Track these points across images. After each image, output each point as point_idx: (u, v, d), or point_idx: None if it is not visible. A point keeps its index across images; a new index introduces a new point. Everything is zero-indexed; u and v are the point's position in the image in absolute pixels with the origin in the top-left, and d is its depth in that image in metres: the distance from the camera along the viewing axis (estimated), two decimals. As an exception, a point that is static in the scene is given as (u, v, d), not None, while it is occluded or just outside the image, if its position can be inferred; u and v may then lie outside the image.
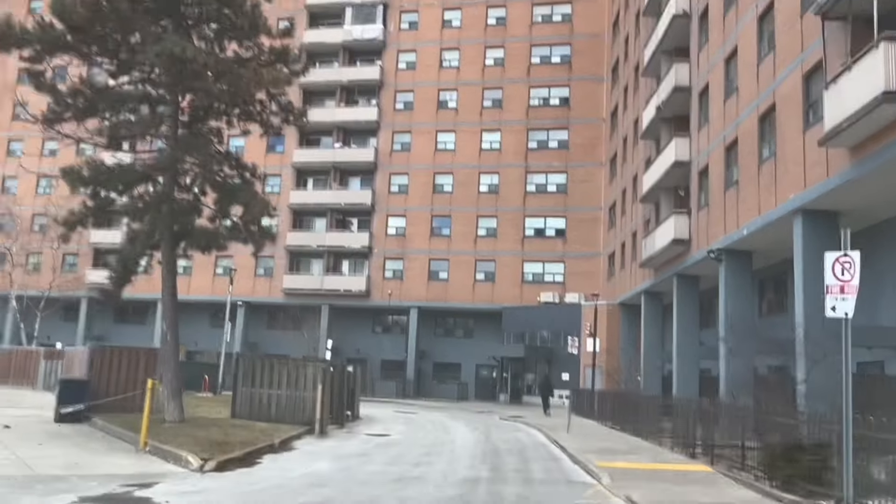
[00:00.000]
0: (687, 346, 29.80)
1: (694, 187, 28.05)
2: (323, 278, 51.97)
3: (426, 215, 51.57)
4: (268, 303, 53.28)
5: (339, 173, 53.62)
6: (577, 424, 26.62)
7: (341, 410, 24.09)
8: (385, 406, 39.20)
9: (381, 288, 51.35)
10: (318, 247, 52.38)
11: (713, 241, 25.27)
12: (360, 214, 53.22)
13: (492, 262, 50.00)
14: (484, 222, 50.73)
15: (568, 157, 50.03)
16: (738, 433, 15.68)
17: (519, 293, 49.03)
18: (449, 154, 51.94)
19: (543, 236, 49.75)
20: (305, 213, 54.27)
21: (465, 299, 49.85)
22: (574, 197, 49.43)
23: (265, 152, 54.83)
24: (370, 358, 52.10)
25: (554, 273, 49.20)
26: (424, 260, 51.04)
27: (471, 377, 50.83)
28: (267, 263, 54.02)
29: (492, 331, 49.95)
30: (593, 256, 48.47)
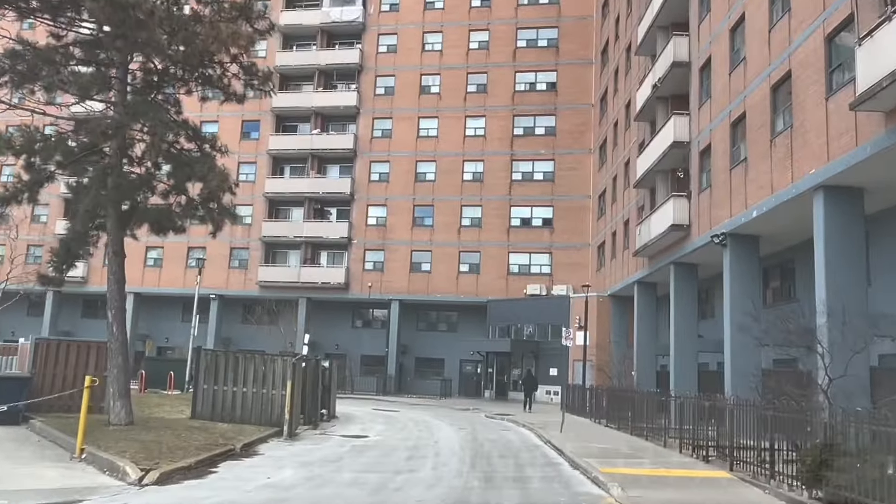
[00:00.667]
0: (685, 339, 28.01)
1: (694, 169, 26.23)
2: (300, 270, 49.79)
3: (408, 204, 49.52)
4: (242, 296, 51.01)
5: (316, 161, 51.42)
6: (570, 422, 24.76)
7: (315, 409, 22.04)
8: (364, 403, 37.15)
9: (361, 280, 49.27)
10: (294, 237, 50.18)
11: (717, 224, 23.45)
12: (339, 204, 51.07)
13: (476, 253, 48.08)
14: (468, 212, 48.77)
15: (555, 143, 48.16)
16: (755, 433, 13.87)
17: (504, 285, 47.15)
18: (431, 141, 49.90)
19: (530, 226, 47.89)
20: (282, 203, 52.02)
21: (448, 292, 47.90)
22: (561, 185, 47.58)
23: (239, 139, 52.62)
24: (350, 353, 50.02)
25: (541, 264, 47.35)
26: (406, 251, 49.01)
27: (454, 373, 48.91)
28: (241, 255, 51.74)
29: (476, 325, 48.05)
30: (582, 247, 46.65)
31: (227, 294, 51.38)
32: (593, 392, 29.56)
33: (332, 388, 25.15)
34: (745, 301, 22.39)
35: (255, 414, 19.68)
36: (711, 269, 28.89)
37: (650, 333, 34.27)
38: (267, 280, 49.95)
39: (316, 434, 20.06)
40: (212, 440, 15.76)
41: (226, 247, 51.58)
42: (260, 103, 51.80)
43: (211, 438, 15.99)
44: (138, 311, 52.56)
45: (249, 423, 19.39)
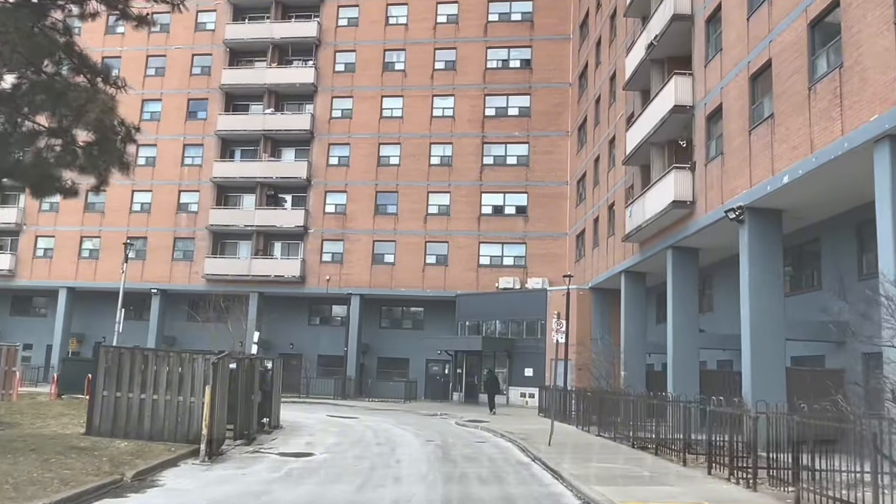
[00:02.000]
0: (685, 334, 24.46)
1: (699, 136, 22.65)
2: (251, 262, 45.40)
3: (370, 191, 45.45)
4: (187, 291, 46.45)
5: (270, 143, 47.07)
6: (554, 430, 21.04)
7: (249, 420, 17.95)
8: (319, 409, 33.04)
9: (319, 273, 45.06)
10: (245, 226, 45.77)
11: (731, 198, 19.87)
12: (295, 190, 46.79)
13: (444, 243, 44.19)
14: (435, 199, 44.85)
15: (530, 125, 44.48)
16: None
17: (475, 278, 43.33)
18: (396, 122, 45.88)
19: (502, 214, 44.14)
20: (231, 188, 47.55)
21: (413, 285, 43.93)
22: (537, 170, 43.92)
23: (185, 118, 48.16)
24: (306, 353, 45.80)
25: (514, 256, 43.63)
26: (368, 241, 44.93)
27: (420, 374, 44.96)
28: (186, 246, 47.17)
29: (444, 321, 44.17)
30: (558, 237, 43.03)
31: (170, 289, 46.79)
32: (580, 396, 25.82)
33: (274, 393, 21.05)
34: (767, 286, 18.88)
35: (169, 428, 15.55)
36: (714, 254, 25.43)
37: (639, 329, 30.71)
38: (214, 273, 45.49)
39: (247, 452, 15.98)
40: (93, 467, 11.64)
41: (169, 237, 47.02)
42: (208, 80, 47.54)
43: (93, 465, 11.86)
44: (72, 307, 47.75)
45: (161, 439, 15.27)
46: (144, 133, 49.54)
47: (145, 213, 47.60)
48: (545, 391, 32.33)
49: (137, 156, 47.52)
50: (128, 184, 47.30)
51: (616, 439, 19.97)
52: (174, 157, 47.77)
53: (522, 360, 38.96)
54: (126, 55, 49.29)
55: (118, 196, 47.66)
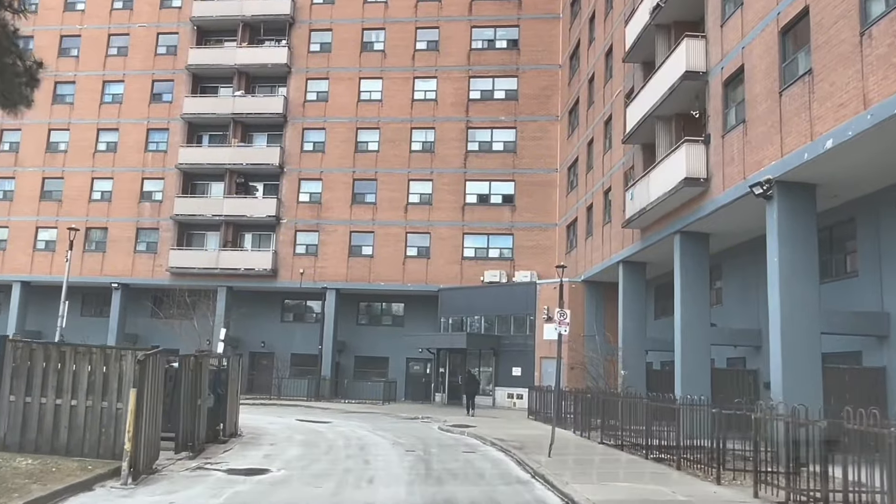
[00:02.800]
0: (695, 329, 21.93)
1: (715, 105, 20.10)
2: (219, 254, 42.40)
3: (346, 178, 42.63)
4: (150, 285, 43.35)
5: (240, 128, 44.08)
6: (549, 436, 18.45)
7: (194, 429, 15.14)
8: (289, 412, 30.24)
9: (292, 266, 42.17)
10: (213, 216, 42.76)
11: (755, 171, 17.33)
12: (266, 177, 43.84)
13: (426, 234, 41.46)
14: (416, 187, 42.11)
15: (517, 109, 41.86)
16: None
17: (458, 272, 40.64)
18: (374, 105, 43.08)
19: (488, 203, 41.49)
20: (199, 176, 44.51)
21: (393, 279, 41.17)
22: (524, 157, 41.31)
23: (149, 101, 45.05)
24: (278, 351, 42.88)
25: (501, 247, 40.99)
26: (344, 232, 42.11)
27: (400, 373, 42.22)
28: (149, 237, 44.07)
29: (426, 317, 41.45)
30: (548, 227, 40.45)
31: (132, 283, 43.68)
32: (579, 398, 23.19)
33: (230, 396, 18.23)
34: (800, 273, 16.37)
35: (90, 440, 12.73)
36: (725, 240, 22.96)
37: (638, 324, 28.17)
38: (180, 266, 42.44)
39: (188, 468, 13.18)
40: (-36, 498, 8.83)
41: (131, 227, 43.90)
42: (174, 60, 44.52)
43: (-34, 494, 9.04)
44: (26, 303, 44.47)
45: (80, 454, 12.48)
46: (106, 117, 46.63)
47: (106, 202, 44.42)
48: (535, 392, 29.78)
49: (98, 142, 44.43)
50: (87, 170, 44.33)
51: (623, 447, 17.39)
52: (137, 142, 44.65)
53: (510, 359, 36.35)
54: (86, 34, 46.18)
55: (77, 183, 44.55)
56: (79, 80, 45.90)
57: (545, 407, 28.52)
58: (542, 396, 28.95)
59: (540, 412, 28.71)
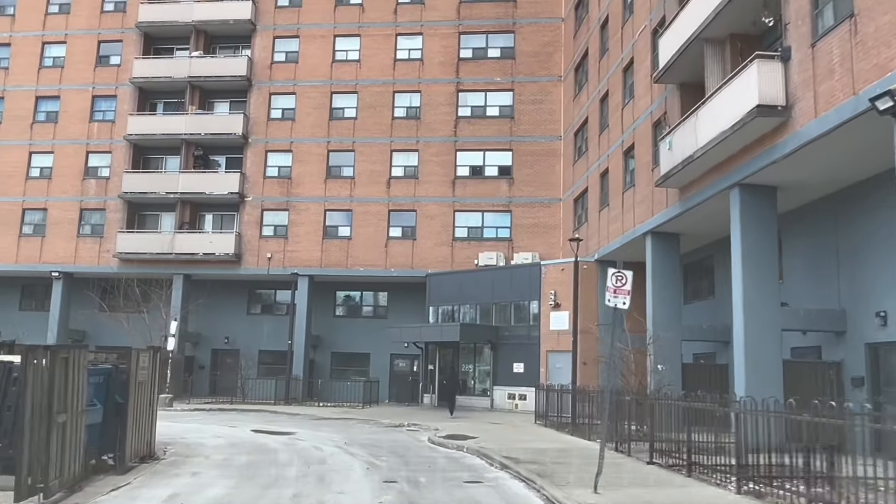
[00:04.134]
0: (761, 311, 16.89)
1: (799, 5, 14.98)
2: (174, 237, 36.99)
3: (320, 149, 37.32)
4: (97, 273, 37.81)
5: (198, 93, 38.64)
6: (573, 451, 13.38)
7: (55, 457, 9.85)
8: (248, 420, 25.00)
9: (258, 250, 36.84)
10: (167, 194, 37.32)
11: (873, 80, 12.26)
12: (229, 149, 38.43)
13: (411, 212, 36.24)
14: (400, 158, 36.88)
15: (514, 69, 36.68)
16: None
17: (449, 254, 35.46)
18: (351, 66, 37.77)
19: (482, 176, 36.30)
20: (151, 149, 39.06)
21: (374, 264, 35.93)
22: (523, 123, 36.16)
23: (94, 64, 39.54)
24: (245, 348, 37.58)
25: (497, 226, 35.83)
26: (318, 210, 36.81)
27: (383, 372, 37.00)
28: (95, 218, 38.57)
29: (412, 307, 36.26)
30: (551, 203, 35.33)
31: (76, 271, 38.20)
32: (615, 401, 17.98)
33: (133, 407, 12.89)
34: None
35: None
36: (794, 197, 17.86)
37: (672, 309, 23.08)
38: (129, 251, 36.99)
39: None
40: None
41: (74, 208, 38.41)
42: (123, 17, 39.06)
43: None
44: (-45, 295, 38.92)
45: None
46: (45, 83, 41.07)
47: (45, 180, 38.87)
48: (543, 392, 24.62)
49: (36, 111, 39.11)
50: (24, 143, 38.81)
51: (691, 470, 12.30)
52: (81, 110, 39.11)
53: (510, 353, 31.21)
54: (23, -11, 40.59)
55: (12, 159, 39.02)
56: (14, 41, 40.29)
57: (555, 410, 23.49)
58: (552, 398, 23.86)
59: (549, 416, 23.68)
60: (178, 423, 23.36)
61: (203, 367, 38.65)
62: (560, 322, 29.39)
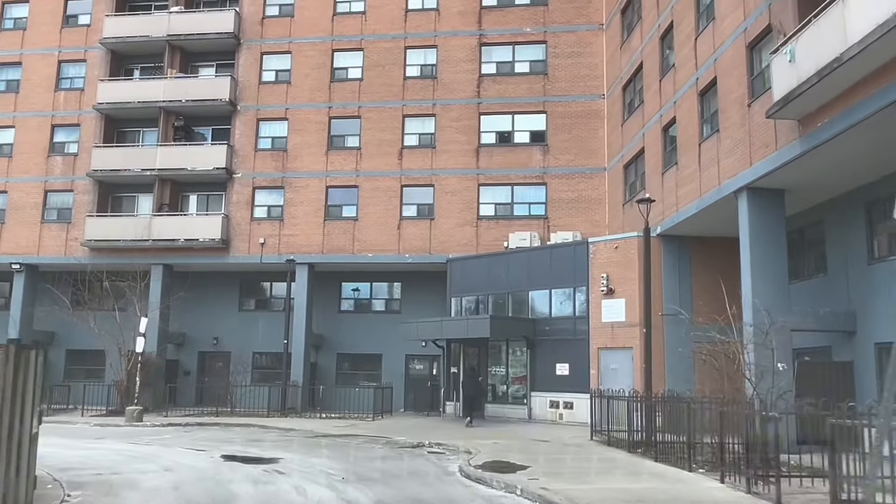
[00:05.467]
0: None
1: None
2: (151, 222, 31.70)
3: (321, 116, 31.92)
4: (62, 265, 32.54)
5: (179, 54, 33.33)
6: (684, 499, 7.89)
7: None
8: (228, 439, 19.62)
9: (249, 235, 31.49)
10: (144, 171, 32.04)
11: None
12: (215, 119, 33.08)
13: (428, 187, 30.77)
14: (414, 125, 31.42)
15: (546, 17, 31.12)
16: None
17: (473, 236, 29.97)
18: (356, 19, 32.34)
19: (511, 144, 30.77)
20: (125, 120, 33.81)
21: (385, 249, 30.46)
22: (559, 80, 30.62)
23: (60, 25, 34.31)
24: (237, 350, 32.25)
25: (530, 202, 30.28)
26: (319, 187, 31.40)
27: (398, 375, 31.52)
28: (61, 201, 33.35)
29: (430, 299, 30.79)
30: (593, 173, 29.76)
31: (40, 262, 32.97)
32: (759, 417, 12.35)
33: None
34: None
35: None
36: None
37: (778, 290, 17.46)
38: (100, 238, 31.73)
39: None
40: None
41: (37, 190, 33.21)
42: (91, -30, 33.80)
43: None
44: None
45: None
46: (5, 48, 35.87)
47: (5, 158, 33.69)
48: (603, 401, 19.00)
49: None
50: (-20, 117, 33.65)
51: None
52: (46, 78, 33.93)
53: (551, 352, 25.62)
54: (-19, -57, 35.44)
55: (-34, 134, 33.87)
56: (-30, 1, 35.17)
57: (614, 422, 18.09)
58: (614, 407, 18.36)
59: (610, 432, 18.20)
60: (134, 447, 18.15)
61: (189, 373, 33.31)
62: (614, 312, 23.79)
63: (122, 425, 24.47)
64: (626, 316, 23.48)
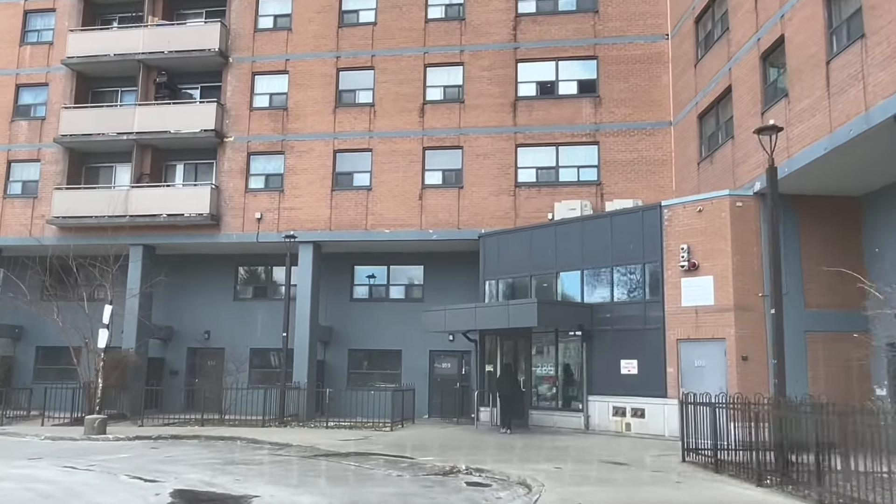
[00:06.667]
0: None
1: None
2: (129, 195, 26.87)
3: (327, 68, 26.92)
4: (26, 247, 27.76)
5: (163, 0, 28.50)
6: None
7: None
8: (204, 458, 14.62)
9: (244, 209, 26.57)
10: (121, 135, 27.22)
11: None
12: (203, 75, 28.19)
13: (456, 150, 25.65)
14: (438, 75, 26.35)
15: (597, -56, 25.95)
16: None
17: (511, 206, 24.83)
18: (368, -46, 27.35)
19: (555, 96, 25.58)
20: (100, 78, 29.05)
21: (405, 224, 25.40)
22: (611, 18, 25.40)
23: (26, -30, 29.50)
24: (231, 346, 27.27)
25: (579, 165, 25.08)
26: (325, 151, 26.39)
27: (421, 375, 26.43)
28: (25, 172, 28.65)
29: (458, 285, 25.76)
30: (656, 128, 24.52)
31: (4, 245, 28.26)
32: None
33: None
34: None
35: None
36: None
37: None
38: (69, 215, 26.96)
39: None
40: None
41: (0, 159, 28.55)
42: None
43: None
44: None
45: None
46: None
47: (-38, 125, 29.07)
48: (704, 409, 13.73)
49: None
50: (-65, 77, 29.05)
51: None
52: (9, 30, 29.27)
53: (613, 345, 20.40)
54: None
55: (-82, 97, 29.24)
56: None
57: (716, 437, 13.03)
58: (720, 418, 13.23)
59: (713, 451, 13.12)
60: (64, 474, 13.44)
61: (176, 373, 28.51)
62: (699, 293, 18.55)
63: (77, 439, 19.64)
64: (715, 298, 18.24)
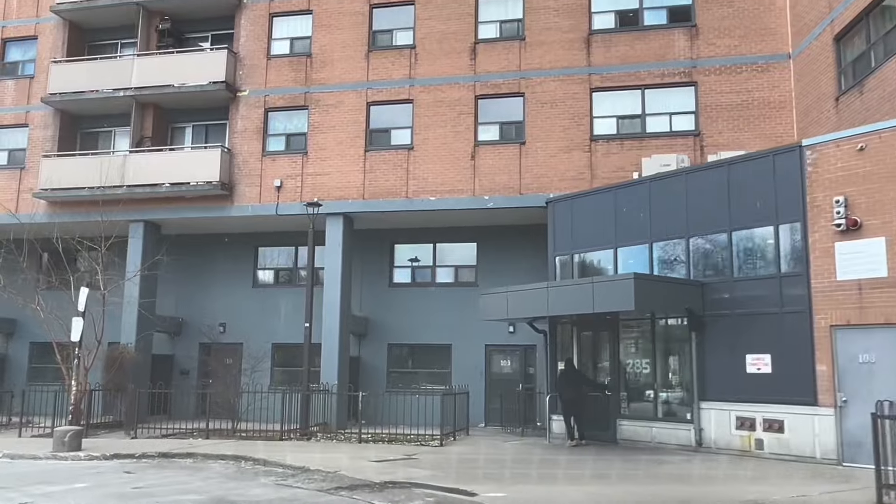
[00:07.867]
0: None
1: None
2: (126, 161, 22.67)
3: (358, 4, 22.38)
4: (12, 226, 23.74)
5: (165, -65, 24.39)
6: None
7: None
8: (191, 491, 10.06)
9: (261, 176, 22.17)
10: (118, 91, 23.04)
11: None
12: (212, 20, 23.88)
13: (516, 98, 20.86)
14: (492, 8, 21.61)
15: None
16: None
17: (586, 165, 19.96)
18: None
19: (638, 28, 20.62)
20: (96, 29, 25.01)
21: (454, 189, 20.72)
22: (709, -70, 20.37)
23: None
24: (250, 341, 22.91)
25: (671, 112, 20.09)
26: (357, 104, 21.84)
27: (474, 375, 21.70)
28: (10, 139, 24.71)
29: (520, 267, 21.03)
30: (770, 62, 19.40)
31: (-13, 224, 24.38)
32: None
33: None
34: None
35: None
36: None
37: None
38: (58, 186, 22.86)
39: None
40: None
41: (-18, 126, 24.61)
42: None
43: None
44: None
45: None
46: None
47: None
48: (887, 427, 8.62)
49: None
50: (-88, 34, 25.30)
51: None
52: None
53: (733, 334, 15.36)
54: None
55: None
56: None
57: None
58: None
59: None
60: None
61: (186, 373, 24.30)
62: (865, 261, 13.45)
63: (40, 457, 15.38)
64: (889, 267, 13.14)
